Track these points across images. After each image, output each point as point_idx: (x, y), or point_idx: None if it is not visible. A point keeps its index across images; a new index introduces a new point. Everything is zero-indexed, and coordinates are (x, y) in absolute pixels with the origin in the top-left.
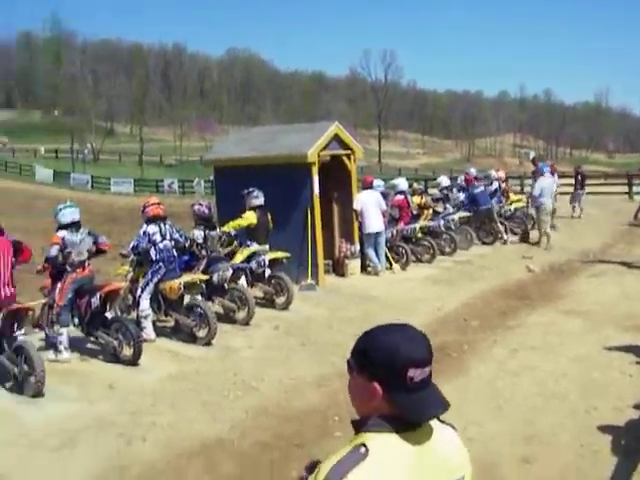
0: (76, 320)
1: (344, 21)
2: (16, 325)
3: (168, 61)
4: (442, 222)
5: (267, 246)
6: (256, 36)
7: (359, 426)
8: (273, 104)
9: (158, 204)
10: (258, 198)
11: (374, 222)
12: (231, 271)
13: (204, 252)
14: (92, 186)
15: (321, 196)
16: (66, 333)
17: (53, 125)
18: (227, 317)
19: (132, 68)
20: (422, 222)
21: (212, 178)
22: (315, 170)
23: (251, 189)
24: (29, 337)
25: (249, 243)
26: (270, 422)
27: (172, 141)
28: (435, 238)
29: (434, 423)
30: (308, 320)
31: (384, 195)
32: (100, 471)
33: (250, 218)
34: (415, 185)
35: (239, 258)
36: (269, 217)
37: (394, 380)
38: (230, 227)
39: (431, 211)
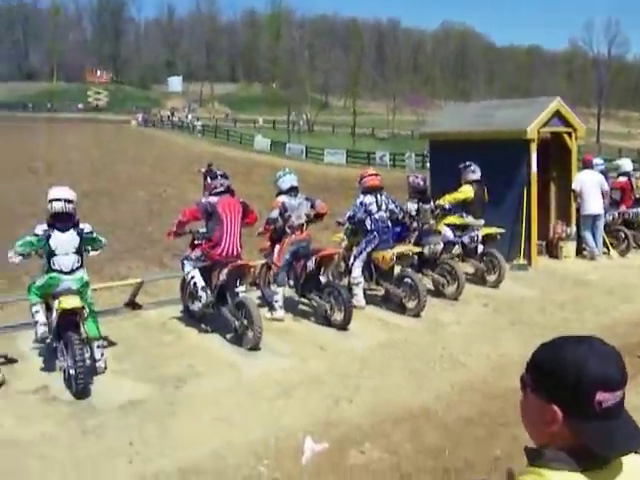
0: (291, 281)
1: None
2: (238, 281)
3: (382, 35)
4: None
5: (482, 221)
6: (471, 9)
7: (534, 457)
8: (487, 79)
9: (376, 175)
10: (475, 172)
11: (593, 204)
12: (442, 245)
13: (416, 224)
14: (306, 156)
15: (538, 174)
16: (282, 293)
17: (271, 97)
18: (436, 291)
19: (348, 42)
20: None
21: (424, 152)
22: (534, 147)
23: (468, 163)
24: (249, 294)
25: (464, 216)
26: (475, 398)
27: (384, 114)
28: None
29: (627, 458)
30: (518, 300)
31: (604, 175)
32: (309, 424)
33: (467, 192)
34: None
35: (450, 220)
36: (485, 191)
37: (578, 404)
38: (446, 200)
39: None
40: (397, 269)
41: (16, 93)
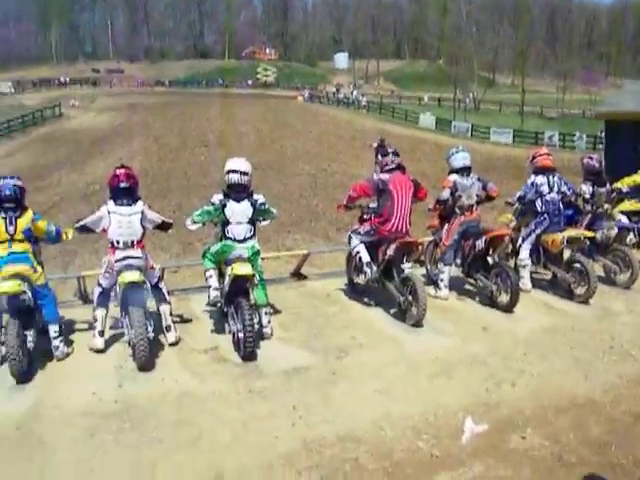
0: (458, 260)
1: None
2: (405, 257)
3: (554, 10)
4: None
5: None
6: None
7: None
8: None
9: (548, 155)
10: None
11: None
12: (616, 230)
13: (589, 207)
14: (472, 134)
15: None
16: (448, 271)
17: (437, 74)
18: (607, 278)
19: (517, 18)
20: None
21: (597, 133)
22: None
23: None
24: (415, 270)
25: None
26: None
27: (554, 93)
28: None
29: None
30: None
31: None
32: (469, 405)
33: None
34: None
35: (626, 207)
36: None
37: None
38: (624, 183)
39: None
40: (567, 253)
41: (191, 70)
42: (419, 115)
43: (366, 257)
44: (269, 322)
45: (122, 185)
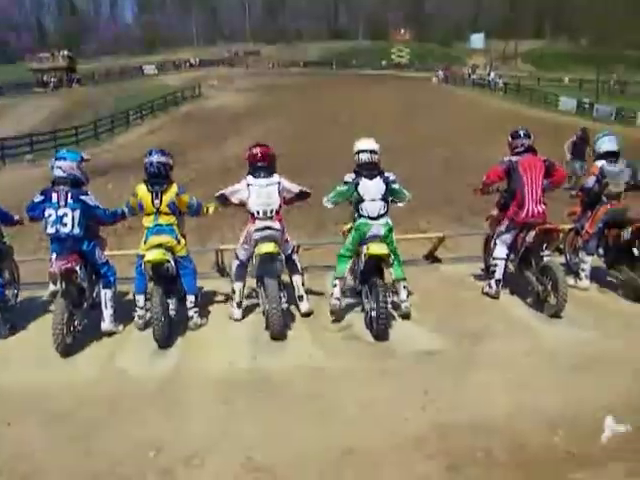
0: (601, 250)
1: None
2: (545, 245)
3: None
4: None
5: None
6: None
7: None
8: None
9: None
10: None
11: None
12: None
13: None
14: (616, 118)
15: None
16: (589, 261)
17: (579, 55)
18: None
19: None
20: None
21: None
22: None
23: None
24: (555, 259)
25: None
26: None
27: None
28: None
29: None
30: None
31: None
32: (609, 403)
33: None
34: None
35: None
36: None
37: None
38: None
39: None
40: None
41: (325, 51)
42: (559, 98)
43: (499, 274)
44: (408, 296)
45: (259, 161)
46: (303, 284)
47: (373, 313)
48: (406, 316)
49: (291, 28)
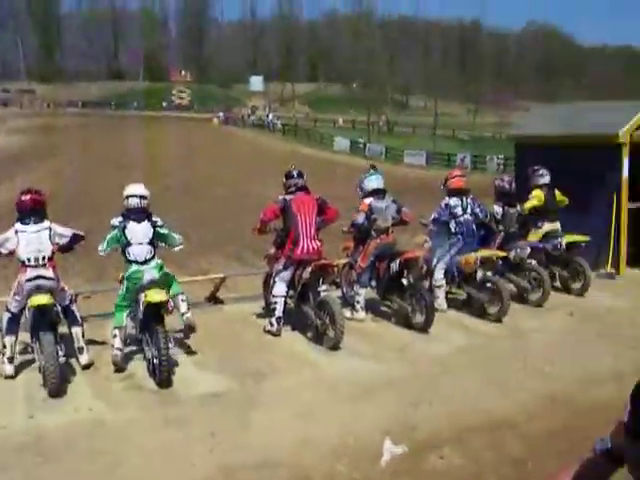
0: (373, 282)
1: None
2: (321, 280)
3: (465, 36)
4: None
5: (558, 224)
6: (557, 9)
7: None
8: (573, 81)
9: (461, 176)
10: (544, 176)
11: None
12: (529, 250)
13: (501, 228)
14: (386, 156)
15: (630, 180)
16: (364, 293)
17: (351, 98)
18: (520, 297)
19: (429, 43)
20: None
21: (506, 155)
22: (626, 152)
23: (536, 167)
24: (331, 293)
25: (539, 223)
26: (559, 411)
27: (465, 116)
28: None
29: None
30: (606, 310)
31: None
32: (389, 427)
33: (539, 196)
34: None
35: (534, 237)
36: (556, 194)
37: None
38: (525, 209)
39: None
40: (480, 273)
41: (105, 92)
42: (333, 138)
43: (279, 312)
44: (188, 309)
45: (29, 207)
46: (83, 335)
47: (155, 360)
48: (190, 329)
49: (69, 67)
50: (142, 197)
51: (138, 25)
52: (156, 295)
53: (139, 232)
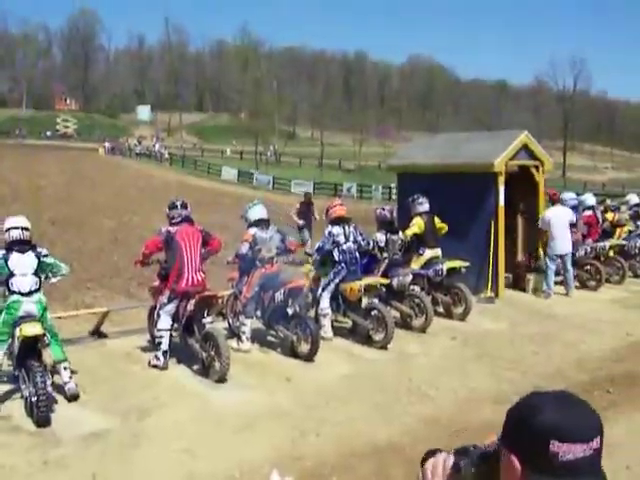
0: (258, 312)
1: (530, 29)
2: (206, 311)
3: (350, 68)
4: (639, 241)
5: (439, 250)
6: (438, 43)
7: None
8: (453, 112)
9: (341, 205)
10: (423, 204)
11: (562, 243)
12: (411, 277)
13: (385, 255)
14: (273, 186)
15: (506, 207)
16: (249, 324)
17: (239, 127)
18: (404, 323)
19: (315, 74)
20: (615, 240)
21: (390, 184)
22: (501, 180)
23: (416, 196)
24: (217, 324)
25: (421, 250)
26: (442, 433)
27: (351, 146)
28: (628, 259)
29: None
30: (486, 333)
31: (575, 209)
32: (276, 458)
33: (419, 224)
34: (608, 202)
35: (416, 264)
36: (436, 222)
37: (533, 454)
38: (407, 236)
39: (626, 229)
40: (365, 301)
41: None
42: (221, 168)
43: (165, 345)
44: (71, 377)
45: None
46: None
47: (33, 398)
48: (73, 398)
49: None
50: (24, 229)
51: (19, 50)
52: (31, 328)
53: (23, 263)
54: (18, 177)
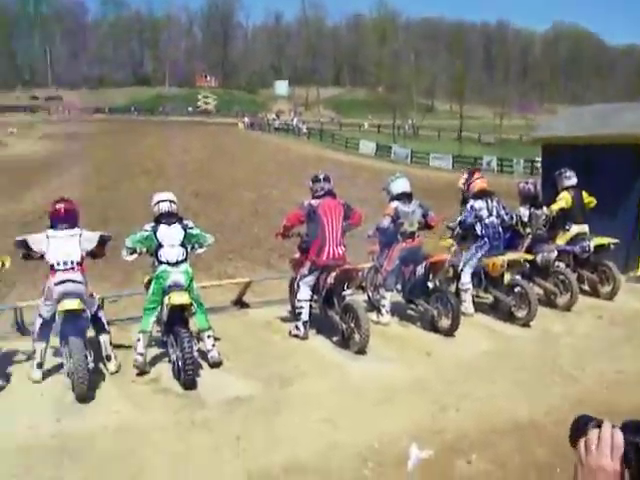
0: (399, 286)
1: None
2: (346, 284)
3: (490, 38)
4: None
5: (586, 226)
6: (583, 8)
7: None
8: (600, 82)
9: (482, 177)
10: (570, 178)
11: None
12: (556, 253)
13: (528, 231)
14: (411, 160)
15: None
16: (389, 297)
17: (377, 101)
18: (547, 301)
19: (454, 45)
20: None
21: (533, 158)
22: None
23: (563, 169)
24: (356, 297)
25: (567, 226)
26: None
27: (491, 119)
28: None
29: None
30: (636, 313)
31: None
32: (414, 430)
33: (566, 199)
34: None
35: (562, 240)
36: (583, 196)
37: None
38: (552, 211)
39: None
40: (507, 276)
41: (131, 98)
42: (359, 141)
43: (305, 316)
44: (214, 345)
45: (61, 215)
46: (110, 343)
47: (180, 363)
48: (215, 365)
49: (95, 74)
50: (171, 202)
51: (163, 31)
52: (179, 297)
53: (171, 235)
54: (162, 153)
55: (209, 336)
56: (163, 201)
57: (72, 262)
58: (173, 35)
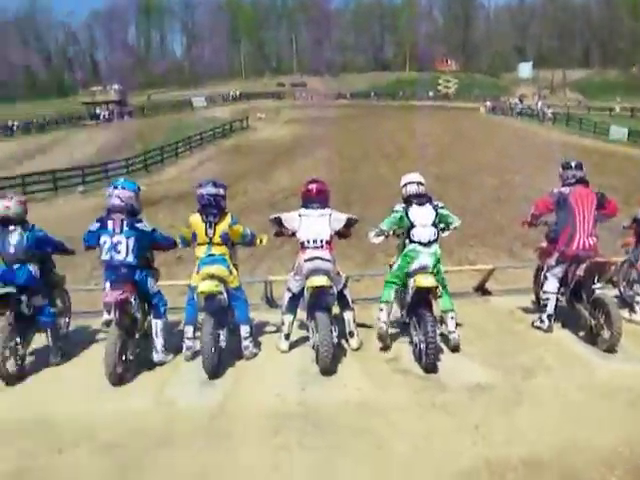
0: None
1: None
2: (596, 277)
3: None
4: None
5: None
6: None
7: None
8: None
9: None
10: None
11: None
12: None
13: None
14: None
15: None
16: None
17: (630, 82)
18: None
19: None
20: None
21: None
22: None
23: None
24: (607, 291)
25: None
26: None
27: None
28: None
29: None
30: None
31: None
32: None
33: None
34: None
35: None
36: None
37: None
38: None
39: None
40: None
41: (371, 83)
42: (609, 127)
43: (551, 309)
44: (456, 328)
45: (314, 195)
46: (354, 320)
47: (422, 345)
48: (455, 348)
49: (337, 60)
50: (420, 184)
51: (404, 16)
52: (425, 280)
53: (422, 215)
54: (402, 137)
55: (452, 317)
56: (411, 183)
57: (321, 241)
58: (413, 19)
